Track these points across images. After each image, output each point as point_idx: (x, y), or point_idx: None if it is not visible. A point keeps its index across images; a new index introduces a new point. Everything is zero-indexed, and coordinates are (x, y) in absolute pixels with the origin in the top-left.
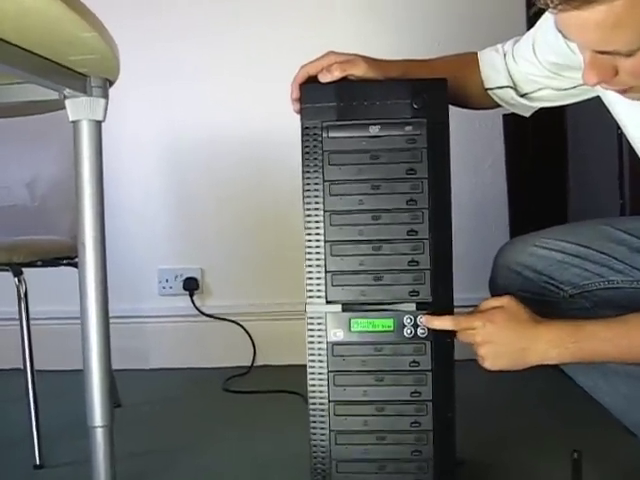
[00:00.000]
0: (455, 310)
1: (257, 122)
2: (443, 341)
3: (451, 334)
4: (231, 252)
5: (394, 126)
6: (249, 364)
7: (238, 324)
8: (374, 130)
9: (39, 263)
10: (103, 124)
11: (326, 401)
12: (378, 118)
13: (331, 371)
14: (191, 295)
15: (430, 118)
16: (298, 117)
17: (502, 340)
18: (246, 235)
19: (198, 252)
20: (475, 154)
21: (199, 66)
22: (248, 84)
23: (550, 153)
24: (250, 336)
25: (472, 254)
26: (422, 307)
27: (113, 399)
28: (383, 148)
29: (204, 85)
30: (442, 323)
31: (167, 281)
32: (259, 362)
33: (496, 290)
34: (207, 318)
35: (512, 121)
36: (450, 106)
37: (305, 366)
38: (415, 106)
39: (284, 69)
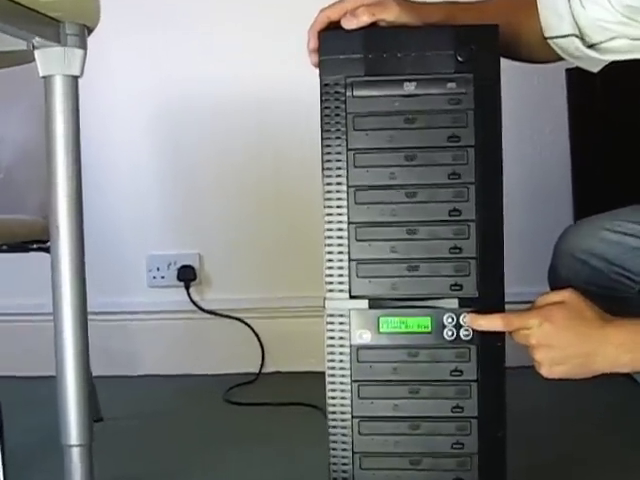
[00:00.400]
0: (506, 307)
1: (267, 79)
2: (492, 345)
3: (502, 336)
4: (235, 235)
5: (434, 83)
6: (256, 370)
7: (244, 322)
8: (409, 88)
9: (4, 247)
10: (80, 80)
11: (349, 417)
12: (414, 73)
13: (355, 380)
14: (187, 287)
15: (478, 73)
16: (316, 72)
17: (562, 343)
18: (254, 215)
19: (195, 235)
20: (532, 117)
21: (196, 11)
22: (256, 33)
23: (624, 116)
24: (258, 337)
25: (528, 239)
26: (466, 303)
27: (93, 412)
28: (420, 110)
29: (203, 35)
30: (490, 323)
31: (158, 270)
32: (268, 368)
33: (557, 282)
34: (206, 315)
35: (577, 77)
36: (502, 59)
37: (324, 374)
38: (459, 59)
39: (299, 14)
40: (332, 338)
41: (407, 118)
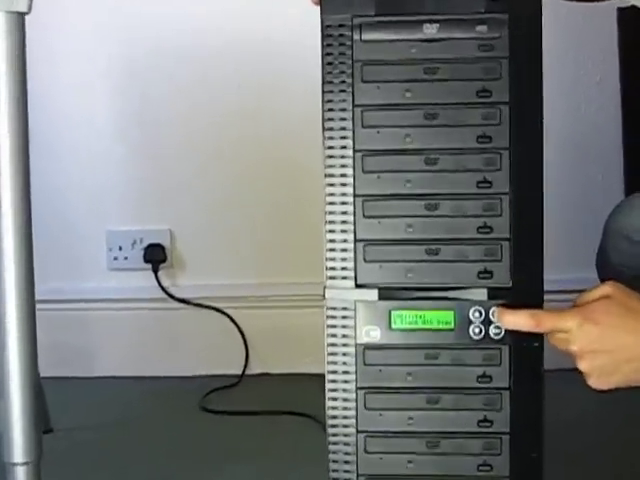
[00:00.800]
0: (545, 298)
1: (253, 18)
2: (528, 346)
3: (540, 335)
4: (215, 208)
5: (460, 25)
6: (239, 372)
7: (224, 313)
8: (430, 30)
9: None
10: (27, 18)
11: (353, 431)
12: (436, 13)
13: (361, 387)
14: (155, 270)
15: (513, 13)
16: (316, 11)
17: (610, 346)
18: (237, 183)
19: (165, 207)
20: (577, 67)
21: None
22: None
23: None
24: (241, 331)
25: (570, 216)
26: (497, 294)
27: (41, 422)
28: (443, 58)
29: None
30: (516, 320)
31: (120, 249)
32: (254, 369)
33: (606, 268)
34: (178, 304)
35: (632, 19)
36: None
37: (321, 377)
38: None
39: None
40: (334, 335)
41: (427, 68)
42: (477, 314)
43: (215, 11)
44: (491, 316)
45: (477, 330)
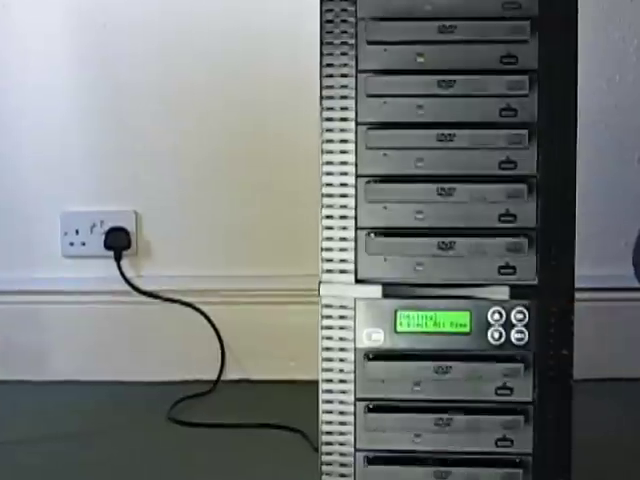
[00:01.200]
0: (577, 296)
1: None
2: (556, 354)
3: (569, 341)
4: (188, 185)
5: None
6: (214, 377)
7: (196, 309)
8: None
9: None
10: None
11: (351, 450)
12: None
13: (361, 399)
14: (118, 258)
15: None
16: None
17: None
18: (215, 156)
19: (130, 185)
20: (610, 29)
21: None
22: None
23: None
24: (217, 330)
25: (603, 205)
26: (521, 294)
27: None
28: (461, 16)
29: None
30: None
31: (77, 233)
32: (231, 374)
33: None
34: (144, 297)
35: None
36: None
37: (311, 385)
38: None
39: None
40: (329, 339)
41: (443, 27)
42: (497, 316)
43: None
44: (513, 318)
45: (497, 334)
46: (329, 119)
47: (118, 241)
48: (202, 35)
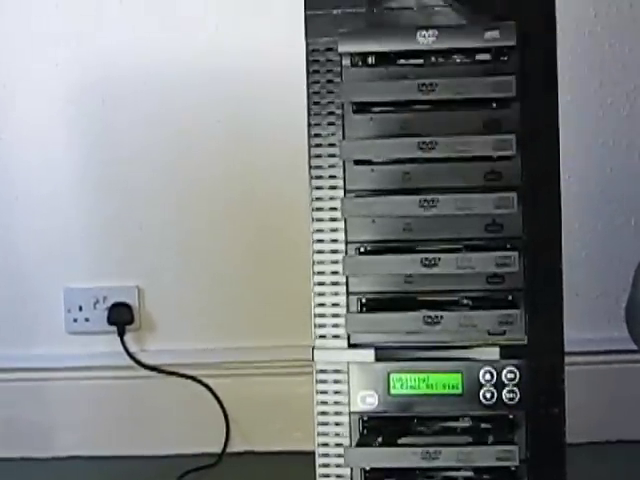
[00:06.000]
0: (566, 360)
1: (233, 41)
2: (548, 412)
3: (560, 400)
4: (188, 260)
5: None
6: (219, 450)
7: (200, 382)
8: (426, 38)
9: None
10: None
11: None
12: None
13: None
14: (121, 333)
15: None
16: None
17: None
18: (214, 231)
19: (132, 260)
20: (603, 93)
21: None
22: None
23: None
24: (220, 403)
25: (595, 264)
26: (512, 354)
27: None
28: (440, 77)
29: None
30: None
31: (81, 309)
32: (236, 447)
33: (637, 321)
34: (148, 372)
35: None
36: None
37: (312, 455)
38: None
39: None
40: (324, 403)
41: (422, 85)
42: (488, 376)
43: (189, 40)
44: (504, 378)
45: (489, 395)
46: (318, 187)
47: (121, 316)
48: (199, 106)
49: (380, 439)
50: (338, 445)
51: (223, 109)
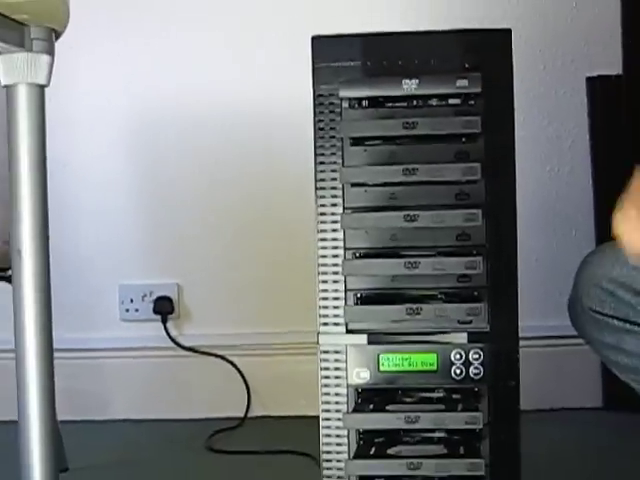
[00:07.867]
0: (521, 343)
1: (255, 89)
2: (506, 385)
3: (515, 375)
4: (219, 263)
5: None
6: (242, 415)
7: (227, 360)
8: (410, 85)
9: None
10: (47, 90)
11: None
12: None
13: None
14: (164, 321)
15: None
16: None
17: None
18: (239, 240)
19: (174, 262)
20: (550, 130)
21: (176, 16)
22: (242, 40)
23: None
24: (243, 377)
25: (544, 266)
26: (476, 338)
27: (58, 461)
28: (421, 116)
29: (182, 42)
30: None
31: (132, 301)
32: (255, 412)
33: (579, 316)
34: (185, 352)
35: (600, 86)
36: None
37: (317, 418)
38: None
39: (289, 21)
40: (327, 377)
41: (407, 123)
42: (458, 356)
43: (222, 86)
44: (471, 358)
45: (458, 371)
46: (323, 205)
47: (164, 308)
48: (228, 142)
49: (371, 406)
50: (338, 411)
51: (246, 145)
